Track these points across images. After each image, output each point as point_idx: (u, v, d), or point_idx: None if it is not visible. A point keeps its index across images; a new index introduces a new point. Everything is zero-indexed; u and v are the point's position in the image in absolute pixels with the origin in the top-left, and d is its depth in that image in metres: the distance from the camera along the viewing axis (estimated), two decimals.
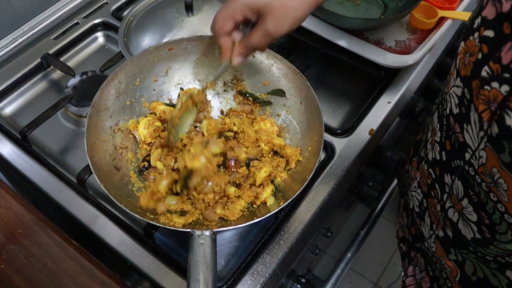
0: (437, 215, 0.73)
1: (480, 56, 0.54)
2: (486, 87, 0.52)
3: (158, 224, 0.71)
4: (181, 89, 0.92)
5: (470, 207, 0.63)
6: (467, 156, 0.60)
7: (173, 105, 0.89)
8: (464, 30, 0.62)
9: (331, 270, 1.13)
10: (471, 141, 0.58)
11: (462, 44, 0.60)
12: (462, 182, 0.63)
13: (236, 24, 0.69)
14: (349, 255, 1.11)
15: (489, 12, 0.53)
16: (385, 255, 1.99)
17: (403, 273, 0.91)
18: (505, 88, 0.50)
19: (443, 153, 0.68)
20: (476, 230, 0.64)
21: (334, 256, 1.66)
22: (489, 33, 0.53)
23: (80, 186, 0.89)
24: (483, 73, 0.52)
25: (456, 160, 0.63)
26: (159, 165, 0.82)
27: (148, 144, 0.85)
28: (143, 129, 0.85)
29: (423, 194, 0.77)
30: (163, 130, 0.86)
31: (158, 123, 0.86)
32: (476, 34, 0.56)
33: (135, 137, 0.86)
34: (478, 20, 0.57)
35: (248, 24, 0.72)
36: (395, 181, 1.19)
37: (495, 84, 0.51)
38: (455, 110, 0.61)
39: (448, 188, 0.67)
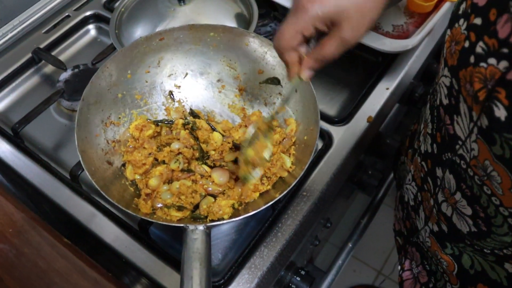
0: (430, 209, 0.71)
1: (467, 44, 0.52)
2: (482, 64, 0.49)
3: (151, 220, 0.69)
4: (191, 114, 0.89)
5: (464, 200, 0.61)
6: (458, 149, 0.58)
7: (159, 121, 0.87)
8: (450, 18, 0.59)
9: (332, 260, 1.11)
10: (462, 133, 0.56)
11: (448, 32, 0.57)
12: (454, 175, 0.61)
13: (305, 38, 0.63)
14: (350, 245, 1.10)
15: None
16: (388, 243, 1.95)
17: (399, 267, 0.89)
18: (504, 64, 0.47)
19: (434, 145, 0.66)
20: (472, 224, 0.62)
21: (336, 244, 1.65)
22: (478, 21, 0.50)
23: (74, 182, 0.87)
24: (478, 49, 0.50)
25: (447, 153, 0.61)
26: (130, 176, 0.81)
27: (136, 140, 0.83)
28: (135, 129, 0.84)
29: (417, 187, 0.75)
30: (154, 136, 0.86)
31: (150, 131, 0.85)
32: (461, 21, 0.53)
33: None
34: (463, 6, 0.54)
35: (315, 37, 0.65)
36: None
37: (492, 61, 0.48)
38: (445, 101, 0.59)
39: (440, 182, 0.65)
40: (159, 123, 0.86)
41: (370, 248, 1.90)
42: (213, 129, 0.85)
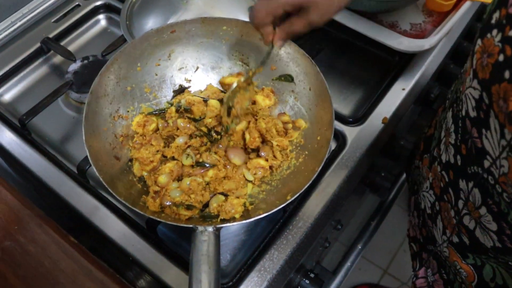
0: (450, 220, 0.68)
1: (501, 58, 0.48)
2: None
3: (159, 219, 0.67)
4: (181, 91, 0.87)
5: (489, 216, 0.58)
6: (486, 164, 0.55)
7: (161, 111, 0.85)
8: (480, 26, 0.55)
9: (340, 261, 1.09)
10: (491, 149, 0.53)
11: (479, 42, 0.53)
12: (480, 190, 0.58)
13: (275, 17, 0.69)
14: (360, 247, 1.08)
15: None
16: (395, 242, 1.95)
17: (413, 274, 0.87)
18: None
19: (458, 157, 0.63)
20: (497, 239, 0.60)
21: (344, 243, 1.63)
22: None
23: (81, 176, 0.86)
24: None
25: (473, 167, 0.58)
26: (137, 172, 0.79)
27: (142, 136, 0.81)
28: (138, 126, 0.82)
29: (435, 196, 0.72)
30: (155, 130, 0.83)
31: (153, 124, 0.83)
32: (495, 32, 0.50)
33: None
34: (496, 15, 0.50)
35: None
36: None
37: None
38: (472, 113, 0.56)
39: (464, 194, 0.63)
40: (153, 115, 0.84)
41: (377, 247, 1.88)
42: (205, 100, 0.83)
